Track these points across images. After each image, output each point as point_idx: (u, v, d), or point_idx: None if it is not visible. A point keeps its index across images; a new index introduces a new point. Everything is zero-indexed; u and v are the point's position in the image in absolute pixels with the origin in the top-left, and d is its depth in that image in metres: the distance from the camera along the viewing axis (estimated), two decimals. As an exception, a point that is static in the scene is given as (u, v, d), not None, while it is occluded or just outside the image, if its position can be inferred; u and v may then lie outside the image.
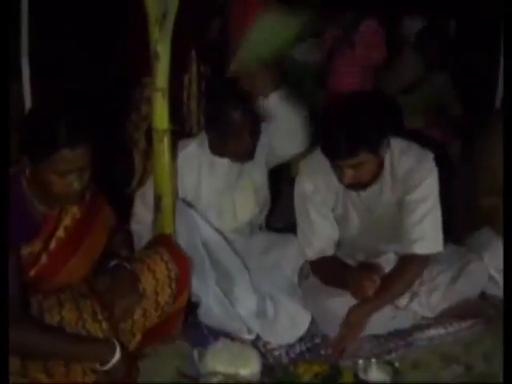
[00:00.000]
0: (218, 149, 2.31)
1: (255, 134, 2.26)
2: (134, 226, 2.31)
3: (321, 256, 2.26)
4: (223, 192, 2.37)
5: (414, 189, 2.13)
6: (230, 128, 2.19)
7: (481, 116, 2.74)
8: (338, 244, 2.33)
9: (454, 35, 4.10)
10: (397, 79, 3.62)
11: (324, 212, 2.26)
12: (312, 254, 2.27)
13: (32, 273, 1.69)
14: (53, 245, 1.73)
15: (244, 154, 2.29)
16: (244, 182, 2.40)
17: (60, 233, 1.75)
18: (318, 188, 2.22)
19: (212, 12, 3.30)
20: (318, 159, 2.16)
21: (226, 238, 2.31)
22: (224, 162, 2.34)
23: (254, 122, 2.24)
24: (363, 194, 2.20)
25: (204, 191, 2.34)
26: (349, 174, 2.01)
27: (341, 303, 2.14)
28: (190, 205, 2.26)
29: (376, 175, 2.10)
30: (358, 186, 2.09)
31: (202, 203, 2.33)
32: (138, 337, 1.85)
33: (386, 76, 3.70)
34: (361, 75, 3.58)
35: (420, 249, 2.13)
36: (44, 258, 1.71)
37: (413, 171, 2.13)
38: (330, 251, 2.27)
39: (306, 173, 2.27)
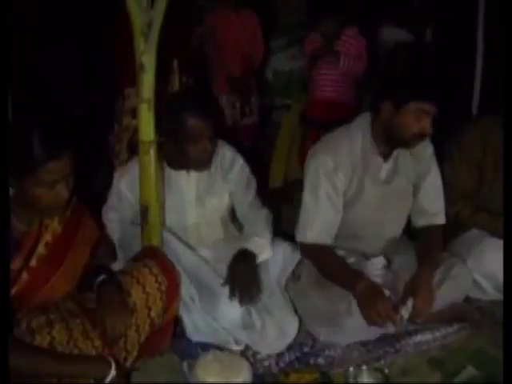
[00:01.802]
0: (176, 160, 2.26)
1: (214, 139, 2.22)
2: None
3: (319, 242, 2.27)
4: (185, 207, 2.32)
5: (428, 166, 2.37)
6: (189, 135, 2.13)
7: (456, 123, 2.80)
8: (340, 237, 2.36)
9: (429, 43, 4.18)
10: None
11: (334, 195, 2.27)
12: (311, 236, 2.27)
13: (13, 291, 1.65)
14: (33, 262, 1.70)
15: (203, 162, 2.24)
16: (207, 200, 2.35)
17: (40, 249, 1.72)
18: (339, 164, 2.24)
19: (193, 22, 3.32)
20: (333, 139, 2.30)
21: (205, 260, 2.28)
22: (179, 176, 2.29)
23: (213, 127, 2.18)
24: (385, 166, 2.31)
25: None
26: (430, 122, 2.16)
27: (331, 304, 2.17)
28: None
29: None
30: (421, 139, 2.22)
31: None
32: (134, 353, 1.82)
33: None
34: (342, 84, 3.60)
35: (442, 220, 2.42)
36: (25, 276, 1.68)
37: (421, 146, 2.30)
38: (327, 239, 2.29)
39: (326, 150, 2.28)
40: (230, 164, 2.37)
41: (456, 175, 2.52)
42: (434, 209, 2.40)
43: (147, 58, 1.92)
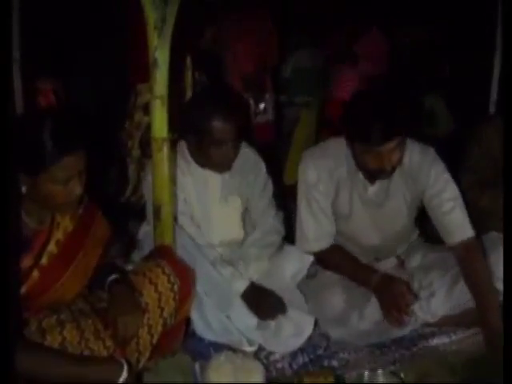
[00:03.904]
0: (198, 158, 2.26)
1: (238, 145, 2.22)
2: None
3: (318, 249, 2.29)
4: (209, 204, 2.33)
5: (431, 182, 2.19)
6: (213, 138, 2.13)
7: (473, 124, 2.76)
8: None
9: (446, 42, 4.12)
10: None
11: (324, 205, 2.27)
12: (308, 246, 2.31)
13: (23, 290, 1.63)
14: (44, 260, 1.68)
15: (224, 165, 2.24)
16: (230, 199, 2.36)
17: (51, 247, 1.70)
18: (320, 177, 2.24)
19: (206, 20, 3.29)
20: (323, 150, 2.25)
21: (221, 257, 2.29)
22: (205, 173, 2.29)
23: (238, 130, 2.17)
24: (371, 188, 2.22)
25: (191, 200, 2.31)
26: (388, 158, 2.01)
27: (345, 303, 2.18)
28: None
29: (400, 162, 2.12)
30: (384, 174, 2.10)
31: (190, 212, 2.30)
32: (147, 354, 1.79)
33: None
34: (361, 85, 3.57)
35: (468, 233, 2.18)
36: (35, 274, 1.66)
37: (421, 164, 2.19)
38: (325, 243, 2.30)
39: (310, 162, 2.28)
40: (252, 167, 2.37)
41: (477, 168, 2.52)
42: (453, 223, 2.19)
43: (161, 54, 1.88)
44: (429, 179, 2.19)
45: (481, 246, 2.22)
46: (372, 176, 2.16)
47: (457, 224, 2.18)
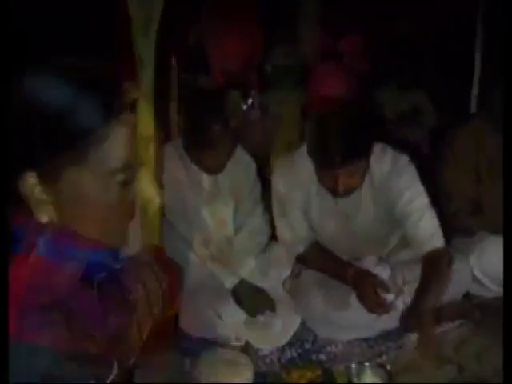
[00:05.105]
0: (192, 157, 2.30)
1: (230, 152, 2.27)
2: None
3: (301, 251, 2.30)
4: (201, 201, 2.36)
5: (400, 193, 2.12)
6: (207, 140, 2.17)
7: (455, 121, 2.77)
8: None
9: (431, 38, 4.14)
10: None
11: (297, 214, 2.27)
12: (289, 250, 2.33)
13: None
14: None
15: (214, 168, 2.29)
16: (221, 198, 2.39)
17: None
18: (290, 190, 2.23)
19: (192, 18, 3.29)
20: (293, 161, 2.19)
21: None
22: (199, 171, 2.33)
23: (232, 140, 2.24)
24: (341, 201, 2.16)
25: (187, 194, 2.33)
26: (344, 181, 1.98)
27: (330, 301, 2.19)
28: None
29: (363, 180, 2.10)
30: (347, 192, 2.06)
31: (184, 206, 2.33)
32: (136, 352, 1.80)
33: None
34: (345, 79, 3.58)
35: (437, 242, 2.11)
36: None
37: (391, 174, 2.13)
38: (301, 244, 2.31)
39: (280, 174, 2.28)
40: (244, 168, 2.41)
41: (452, 178, 2.48)
42: (421, 234, 2.12)
43: (146, 53, 1.90)
44: (398, 190, 2.13)
45: (448, 256, 2.16)
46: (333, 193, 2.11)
47: (424, 234, 2.11)
